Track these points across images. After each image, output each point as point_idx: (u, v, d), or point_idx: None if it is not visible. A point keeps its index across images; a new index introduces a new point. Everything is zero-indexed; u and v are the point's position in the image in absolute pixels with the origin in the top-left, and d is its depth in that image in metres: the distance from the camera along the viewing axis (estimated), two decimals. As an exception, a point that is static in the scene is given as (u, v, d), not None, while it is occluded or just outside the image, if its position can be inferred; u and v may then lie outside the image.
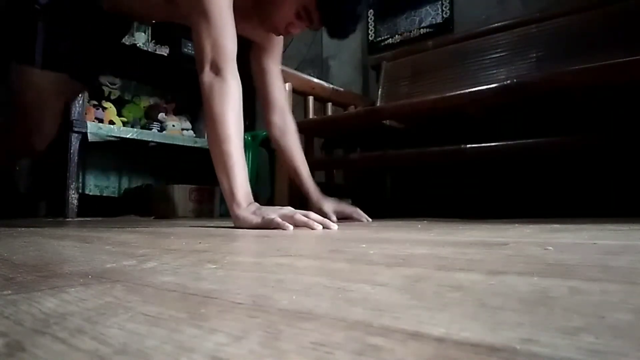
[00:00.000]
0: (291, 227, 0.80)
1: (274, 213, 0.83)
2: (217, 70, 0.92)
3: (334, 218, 1.14)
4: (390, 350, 0.15)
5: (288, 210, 0.85)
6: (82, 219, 1.87)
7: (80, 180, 2.40)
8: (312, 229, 0.80)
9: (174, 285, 0.27)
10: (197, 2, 0.92)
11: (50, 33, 1.16)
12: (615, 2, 1.52)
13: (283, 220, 0.81)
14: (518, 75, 1.60)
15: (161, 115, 2.51)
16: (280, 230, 0.78)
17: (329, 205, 1.20)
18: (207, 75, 0.92)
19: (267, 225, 0.82)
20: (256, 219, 0.84)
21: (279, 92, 1.29)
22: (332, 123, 1.72)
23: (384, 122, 1.57)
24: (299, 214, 0.83)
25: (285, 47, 1.33)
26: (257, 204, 0.89)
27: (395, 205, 1.90)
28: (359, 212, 1.20)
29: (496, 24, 1.81)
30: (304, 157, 1.29)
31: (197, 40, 0.93)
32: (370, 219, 1.19)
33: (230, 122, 0.90)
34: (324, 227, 0.81)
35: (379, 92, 2.09)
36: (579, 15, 1.59)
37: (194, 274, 0.32)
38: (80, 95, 1.95)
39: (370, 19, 2.40)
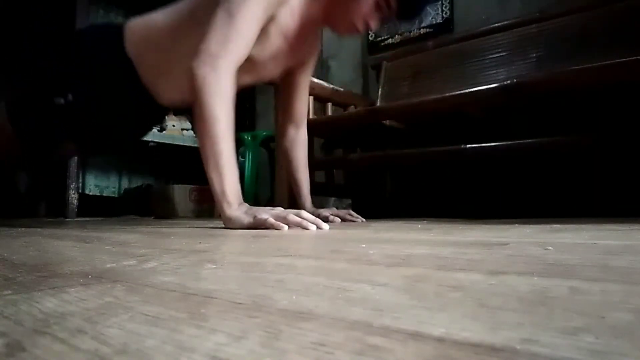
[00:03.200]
0: (285, 227, 0.79)
1: (266, 213, 0.82)
2: (214, 65, 0.87)
3: (330, 217, 1.14)
4: (390, 350, 0.15)
5: (280, 210, 0.84)
6: (82, 219, 1.87)
7: (80, 180, 2.40)
8: (306, 229, 0.79)
9: (174, 285, 0.27)
10: (228, 1, 0.90)
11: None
12: (615, 2, 1.52)
13: (276, 220, 0.80)
14: (518, 75, 1.60)
15: (161, 115, 2.50)
16: (279, 231, 0.77)
17: (323, 210, 1.20)
18: (202, 67, 0.87)
19: (260, 225, 0.80)
20: (248, 219, 0.82)
21: (303, 105, 1.27)
22: (332, 123, 1.72)
23: (384, 122, 1.57)
24: (292, 214, 0.82)
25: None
26: (247, 204, 0.87)
27: (395, 205, 1.89)
28: (352, 213, 1.20)
29: (496, 24, 1.81)
30: (308, 174, 1.28)
31: (209, 31, 0.89)
32: (364, 220, 1.19)
33: (223, 119, 0.86)
34: (317, 228, 0.80)
35: (379, 92, 2.09)
36: (579, 15, 1.59)
37: (194, 274, 0.32)
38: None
39: (370, 19, 2.40)
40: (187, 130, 2.59)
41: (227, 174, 0.86)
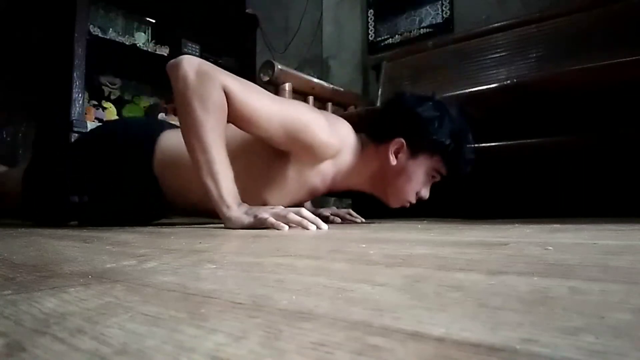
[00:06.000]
0: (286, 227, 0.78)
1: (266, 212, 0.81)
2: (204, 73, 0.84)
3: (330, 216, 1.14)
4: (390, 350, 0.15)
5: (280, 209, 0.83)
6: (82, 219, 1.87)
7: (80, 180, 2.39)
8: (306, 228, 0.79)
9: (174, 285, 0.27)
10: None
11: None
12: (615, 2, 1.52)
13: (276, 219, 0.80)
14: (518, 75, 1.60)
15: (161, 115, 2.51)
16: (279, 230, 0.77)
17: (323, 210, 1.20)
18: (190, 72, 0.84)
19: (260, 224, 0.80)
20: (248, 219, 0.82)
21: None
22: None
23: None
24: (292, 213, 0.82)
25: (285, 47, 1.32)
26: (246, 205, 0.86)
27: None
28: (352, 213, 1.20)
29: (496, 24, 1.81)
30: None
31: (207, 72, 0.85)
32: (364, 220, 1.19)
33: (210, 124, 0.84)
34: (317, 227, 0.80)
35: (379, 92, 2.09)
36: (579, 15, 1.59)
37: (194, 274, 0.32)
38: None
39: (370, 19, 2.40)
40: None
41: (221, 180, 0.84)
